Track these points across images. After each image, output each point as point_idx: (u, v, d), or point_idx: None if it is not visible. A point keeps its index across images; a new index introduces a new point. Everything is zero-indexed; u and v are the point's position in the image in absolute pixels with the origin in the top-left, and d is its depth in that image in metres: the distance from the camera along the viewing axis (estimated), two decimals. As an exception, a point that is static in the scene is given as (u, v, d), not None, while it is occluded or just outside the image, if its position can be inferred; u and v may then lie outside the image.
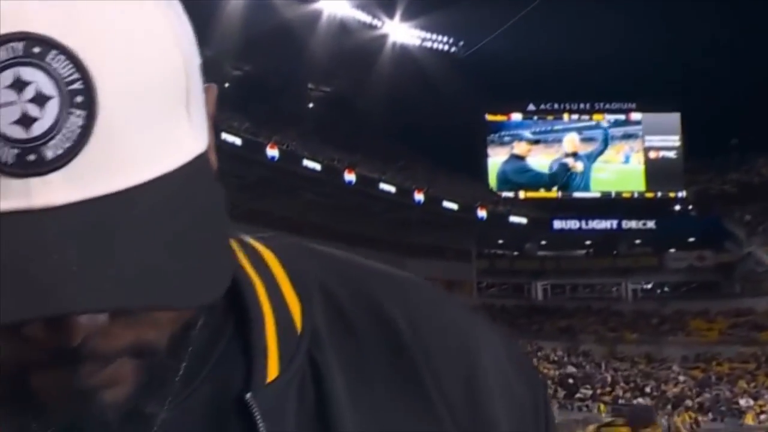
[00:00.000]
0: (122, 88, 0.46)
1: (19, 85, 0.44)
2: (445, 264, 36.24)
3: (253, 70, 37.21)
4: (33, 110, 0.44)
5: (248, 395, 0.57)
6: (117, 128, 0.46)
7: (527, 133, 46.14)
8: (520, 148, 45.78)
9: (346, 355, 0.62)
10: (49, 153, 0.44)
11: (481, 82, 42.82)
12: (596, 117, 47.79)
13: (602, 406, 28.07)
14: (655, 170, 46.95)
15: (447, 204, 39.15)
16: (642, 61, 48.29)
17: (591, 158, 46.58)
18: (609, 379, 31.90)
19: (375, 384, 0.62)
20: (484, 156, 45.04)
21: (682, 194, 47.19)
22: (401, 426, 0.61)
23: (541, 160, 46.18)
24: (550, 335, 37.74)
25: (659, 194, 46.94)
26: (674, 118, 47.71)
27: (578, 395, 28.51)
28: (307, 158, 34.03)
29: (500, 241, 44.56)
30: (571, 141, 46.21)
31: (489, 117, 45.42)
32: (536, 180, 45.89)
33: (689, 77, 46.81)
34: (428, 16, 41.87)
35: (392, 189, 36.93)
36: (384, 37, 41.24)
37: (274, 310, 0.61)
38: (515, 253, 45.55)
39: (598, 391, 29.89)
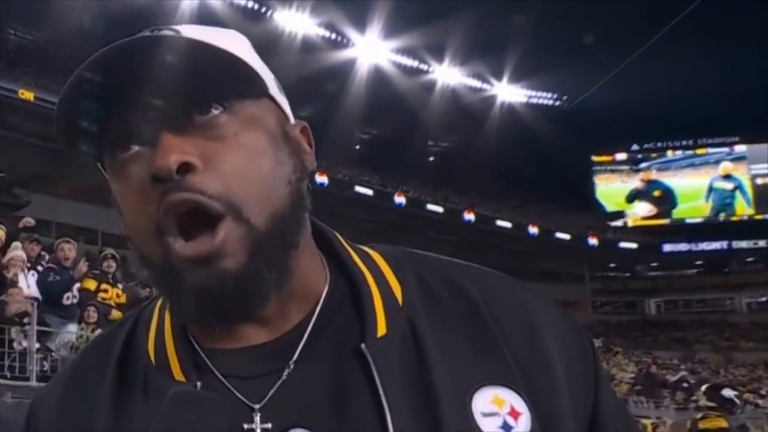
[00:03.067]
0: (199, 30, 0.70)
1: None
2: (562, 286, 35.37)
3: (379, 132, 38.16)
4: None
5: (363, 345, 0.67)
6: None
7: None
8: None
9: (435, 318, 0.71)
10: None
11: (585, 127, 41.73)
12: (699, 151, 45.14)
13: (720, 408, 25.71)
14: (763, 194, 43.46)
15: (559, 234, 38.58)
16: (742, 95, 45.21)
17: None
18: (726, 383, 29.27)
19: (457, 338, 0.70)
20: (592, 193, 43.71)
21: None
22: (478, 368, 0.69)
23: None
24: (665, 346, 35.30)
25: (769, 216, 43.37)
26: (779, 146, 44.29)
27: (694, 398, 26.24)
28: (430, 203, 34.30)
29: (612, 265, 43.22)
30: (724, 167, 43.95)
31: (595, 158, 44.17)
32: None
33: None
34: (534, 77, 41.61)
35: (508, 224, 36.74)
36: (493, 97, 41.26)
37: (379, 289, 0.72)
38: (627, 274, 43.61)
39: (716, 394, 27.46)
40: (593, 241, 39.65)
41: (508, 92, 41.72)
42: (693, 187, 43.47)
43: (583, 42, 39.53)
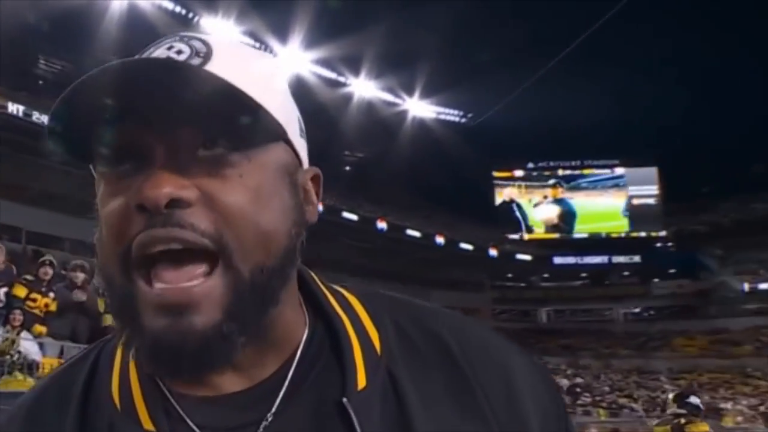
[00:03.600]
0: (230, 56, 0.64)
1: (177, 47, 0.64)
2: (464, 294, 36.56)
3: (299, 142, 38.32)
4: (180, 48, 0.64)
5: (344, 399, 0.63)
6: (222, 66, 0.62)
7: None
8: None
9: (414, 368, 0.67)
10: (181, 57, 0.63)
11: (488, 144, 43.40)
12: (585, 172, 47.97)
13: (601, 411, 27.69)
14: (637, 214, 46.79)
15: (463, 245, 39.76)
16: (624, 121, 48.48)
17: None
18: (606, 388, 31.46)
19: (436, 389, 0.67)
20: (493, 205, 45.30)
21: (662, 233, 46.90)
22: (459, 422, 0.65)
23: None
24: (554, 352, 37.38)
25: (642, 234, 46.71)
26: (652, 171, 47.65)
27: (579, 402, 28.13)
28: (346, 211, 34.73)
29: (509, 275, 44.96)
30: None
31: (495, 173, 45.95)
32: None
33: (665, 138, 46.97)
34: (442, 94, 42.81)
35: (417, 234, 37.59)
36: (405, 112, 42.17)
37: (358, 337, 0.68)
38: (522, 284, 45.63)
39: (597, 398, 29.45)
40: (493, 252, 41.16)
41: (419, 107, 42.74)
42: (613, 206, 46.30)
43: (488, 64, 41.25)
